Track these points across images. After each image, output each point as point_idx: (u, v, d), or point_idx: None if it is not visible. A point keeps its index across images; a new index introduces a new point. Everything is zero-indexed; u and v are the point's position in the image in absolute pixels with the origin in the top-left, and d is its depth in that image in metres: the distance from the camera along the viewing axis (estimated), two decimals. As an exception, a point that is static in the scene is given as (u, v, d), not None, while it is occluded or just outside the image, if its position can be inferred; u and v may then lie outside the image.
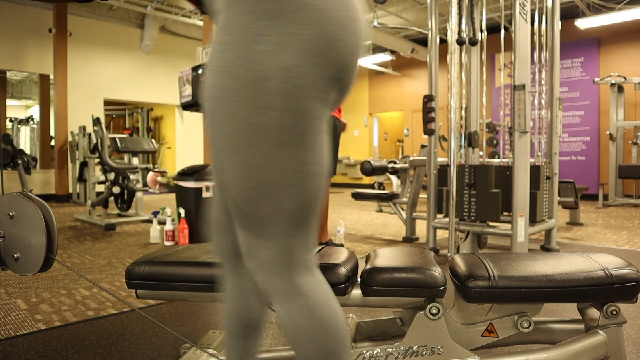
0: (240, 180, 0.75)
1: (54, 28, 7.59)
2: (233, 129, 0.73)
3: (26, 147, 10.82)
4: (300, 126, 0.73)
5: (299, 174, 0.75)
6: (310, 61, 0.71)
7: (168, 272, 1.09)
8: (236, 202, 0.78)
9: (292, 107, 0.71)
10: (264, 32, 0.70)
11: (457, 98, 3.10)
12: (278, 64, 0.70)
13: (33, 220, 1.11)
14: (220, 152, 0.76)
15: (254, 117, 0.71)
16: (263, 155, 0.73)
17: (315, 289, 0.82)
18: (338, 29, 0.73)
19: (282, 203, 0.75)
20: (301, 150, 0.74)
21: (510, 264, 1.10)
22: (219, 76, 0.73)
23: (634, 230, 4.52)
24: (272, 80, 0.70)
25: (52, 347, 1.68)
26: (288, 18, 0.70)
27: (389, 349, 1.08)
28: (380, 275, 1.05)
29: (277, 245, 0.78)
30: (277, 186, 0.74)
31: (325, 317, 0.81)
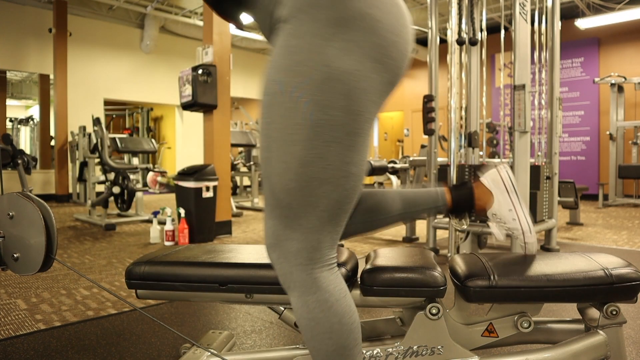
0: (285, 171, 0.78)
1: (54, 28, 7.59)
2: (290, 123, 0.77)
3: (26, 147, 10.83)
4: (352, 127, 0.78)
5: (341, 172, 0.79)
6: (370, 66, 0.78)
7: (168, 272, 1.09)
8: (275, 191, 0.81)
9: (350, 108, 0.77)
10: (331, 38, 0.76)
11: (457, 98, 3.10)
12: (343, 67, 0.76)
13: (33, 220, 1.11)
14: (271, 143, 0.79)
15: (313, 114, 0.76)
16: (313, 150, 0.77)
17: (334, 285, 0.84)
18: (393, 36, 0.80)
19: (319, 198, 0.79)
20: (348, 150, 0.78)
21: (510, 264, 1.10)
22: (284, 74, 0.77)
23: (634, 230, 4.52)
24: (337, 82, 0.75)
25: (52, 347, 1.69)
26: (351, 26, 0.76)
27: (389, 349, 1.08)
28: (380, 275, 1.05)
29: (305, 238, 0.81)
30: (319, 181, 0.78)
31: (342, 312, 0.84)
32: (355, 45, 0.77)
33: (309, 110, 0.76)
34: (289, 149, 0.78)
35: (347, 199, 0.82)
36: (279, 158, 0.79)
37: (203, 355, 1.17)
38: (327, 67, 0.75)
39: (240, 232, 4.44)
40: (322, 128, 0.76)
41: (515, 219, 1.12)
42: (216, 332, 1.30)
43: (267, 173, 0.82)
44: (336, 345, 0.83)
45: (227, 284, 1.07)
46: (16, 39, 7.63)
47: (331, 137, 0.77)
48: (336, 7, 0.76)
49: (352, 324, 0.85)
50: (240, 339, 1.74)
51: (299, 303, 0.84)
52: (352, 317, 0.85)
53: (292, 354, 1.12)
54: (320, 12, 0.76)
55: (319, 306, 0.82)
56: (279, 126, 0.78)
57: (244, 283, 1.07)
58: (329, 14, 0.76)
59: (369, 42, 0.77)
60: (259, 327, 1.88)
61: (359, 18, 0.77)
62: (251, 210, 6.43)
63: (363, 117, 0.79)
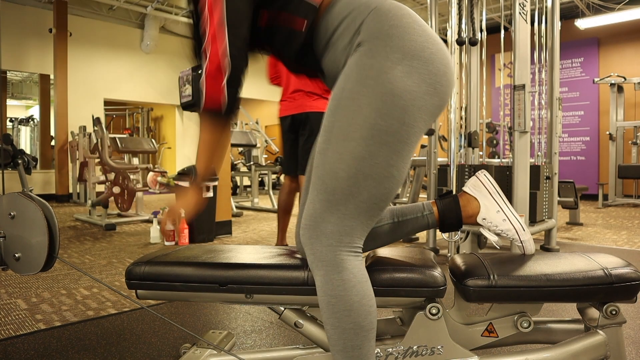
0: (338, 160, 0.92)
1: (54, 28, 7.60)
2: (352, 122, 0.92)
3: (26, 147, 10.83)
4: (403, 136, 0.92)
5: (385, 172, 0.92)
6: (425, 89, 0.93)
7: (168, 272, 1.09)
8: (324, 177, 0.93)
9: (404, 120, 0.92)
10: (398, 62, 0.92)
11: (457, 98, 3.10)
12: (404, 86, 0.92)
13: (34, 219, 1.11)
14: (332, 137, 0.93)
15: (374, 119, 0.91)
16: (366, 148, 0.91)
17: (358, 269, 0.94)
18: (443, 67, 0.96)
19: (361, 189, 0.92)
20: (395, 154, 0.92)
21: (510, 264, 1.10)
22: (354, 84, 0.93)
23: (633, 230, 4.52)
24: (398, 97, 0.91)
25: (53, 347, 1.69)
26: (414, 56, 0.93)
27: (389, 349, 1.08)
28: (380, 275, 1.05)
29: (340, 222, 0.93)
30: (364, 175, 0.91)
31: (363, 293, 0.93)
32: (416, 71, 0.93)
33: (370, 115, 0.91)
34: (346, 143, 0.91)
35: (384, 196, 0.94)
36: (336, 149, 0.92)
37: (203, 354, 1.17)
38: (391, 84, 0.91)
39: (240, 232, 4.44)
40: (378, 131, 0.91)
41: (506, 220, 1.13)
42: (216, 332, 1.31)
43: (321, 162, 0.94)
44: (354, 323, 0.92)
45: (227, 284, 1.08)
46: (16, 39, 7.64)
47: (384, 140, 0.91)
48: (405, 38, 0.94)
49: (370, 307, 0.93)
50: (240, 339, 1.75)
51: (323, 281, 0.93)
52: (371, 301, 0.94)
53: (292, 354, 1.12)
54: (392, 41, 0.93)
55: (343, 284, 0.92)
56: (341, 124, 0.93)
57: (244, 283, 1.07)
58: (399, 43, 0.93)
59: (426, 70, 0.94)
60: (259, 327, 1.88)
61: (420, 49, 0.94)
62: (251, 210, 6.43)
63: (413, 130, 0.94)
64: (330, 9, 1.01)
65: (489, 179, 1.16)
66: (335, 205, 0.92)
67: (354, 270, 0.93)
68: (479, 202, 1.15)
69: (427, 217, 1.13)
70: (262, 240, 4.03)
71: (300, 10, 1.01)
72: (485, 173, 1.17)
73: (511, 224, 1.13)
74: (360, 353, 0.93)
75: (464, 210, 1.15)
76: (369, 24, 0.95)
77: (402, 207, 1.16)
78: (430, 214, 1.13)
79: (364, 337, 0.92)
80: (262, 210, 6.34)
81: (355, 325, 0.92)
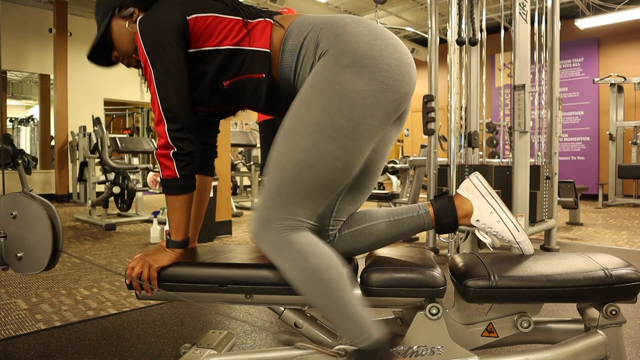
0: (285, 152, 0.99)
1: (54, 28, 7.59)
2: (301, 119, 0.99)
3: (26, 147, 10.82)
4: (350, 132, 0.97)
5: (329, 164, 0.98)
6: (377, 88, 0.97)
7: (168, 272, 1.09)
8: (272, 168, 1.01)
9: (351, 118, 0.97)
10: (347, 65, 0.97)
11: (457, 98, 3.10)
12: (353, 87, 0.96)
13: (37, 219, 1.11)
14: (283, 133, 1.01)
15: (320, 116, 0.97)
16: (311, 142, 0.97)
17: (306, 238, 1.01)
18: (395, 61, 0.99)
19: (304, 179, 0.98)
20: (340, 149, 0.97)
21: (510, 264, 1.10)
22: (308, 88, 1.00)
23: (633, 230, 4.52)
24: (345, 97, 0.96)
25: (53, 347, 1.69)
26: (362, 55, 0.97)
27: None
28: (380, 275, 1.05)
29: (284, 209, 0.99)
30: (308, 166, 0.97)
31: (318, 253, 1.00)
32: (366, 70, 0.97)
33: (317, 112, 0.97)
34: (294, 137, 0.99)
35: (329, 186, 1.00)
36: (284, 142, 1.00)
37: (203, 354, 1.17)
38: (339, 85, 0.97)
39: (240, 232, 4.45)
40: (324, 127, 0.97)
41: (500, 221, 1.12)
42: (216, 332, 1.31)
43: (272, 154, 1.01)
44: (323, 281, 0.99)
45: (227, 284, 1.08)
46: (16, 39, 7.63)
47: (329, 135, 0.97)
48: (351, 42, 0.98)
49: (330, 261, 1.00)
50: (240, 339, 1.75)
51: (282, 260, 1.00)
52: (329, 257, 1.01)
53: (292, 354, 1.12)
54: (340, 47, 0.99)
55: (298, 255, 0.99)
56: (292, 121, 1.00)
57: (244, 283, 1.07)
58: (346, 47, 0.98)
59: (377, 68, 0.97)
60: (259, 327, 1.88)
61: (368, 48, 0.98)
62: (251, 210, 6.43)
63: (362, 127, 0.98)
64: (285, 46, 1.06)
65: (481, 180, 1.16)
66: (279, 193, 0.99)
67: (303, 240, 1.00)
68: (472, 203, 1.15)
69: (423, 216, 1.13)
70: (262, 240, 4.02)
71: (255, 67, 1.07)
72: (478, 175, 1.17)
73: (505, 225, 1.12)
74: (343, 302, 1.00)
75: (459, 210, 1.14)
76: (322, 42, 1.02)
77: (399, 207, 1.17)
78: (426, 214, 1.13)
79: (338, 288, 0.99)
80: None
81: (325, 283, 0.99)
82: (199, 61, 1.09)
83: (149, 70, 1.06)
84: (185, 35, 1.06)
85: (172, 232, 1.12)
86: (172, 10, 1.06)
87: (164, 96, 1.05)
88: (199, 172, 1.31)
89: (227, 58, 1.07)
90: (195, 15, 1.06)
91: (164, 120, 1.06)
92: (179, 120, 1.06)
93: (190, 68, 1.09)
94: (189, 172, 1.09)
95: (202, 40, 1.07)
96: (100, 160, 5.06)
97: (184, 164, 1.07)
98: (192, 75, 1.10)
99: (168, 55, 1.04)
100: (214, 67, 1.07)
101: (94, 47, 1.19)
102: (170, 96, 1.06)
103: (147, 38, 1.05)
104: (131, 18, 1.15)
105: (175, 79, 1.06)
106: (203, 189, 1.33)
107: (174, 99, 1.06)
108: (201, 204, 1.34)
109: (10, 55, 7.58)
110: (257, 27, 1.07)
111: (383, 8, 7.83)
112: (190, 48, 1.08)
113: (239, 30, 1.06)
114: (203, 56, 1.08)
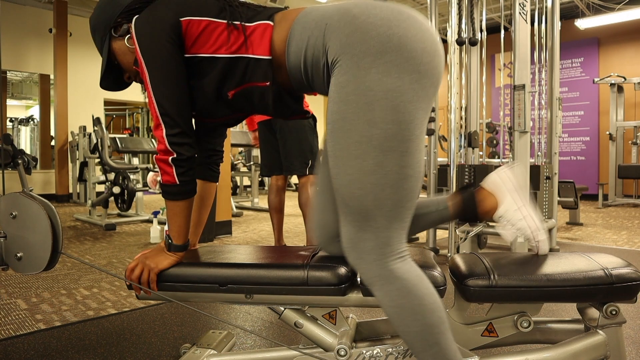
0: (350, 182, 0.92)
1: (54, 28, 7.59)
2: (350, 141, 0.91)
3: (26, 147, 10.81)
4: (404, 134, 0.90)
5: (399, 176, 0.91)
6: (409, 79, 0.90)
7: (168, 272, 1.09)
8: (345, 200, 0.94)
9: (399, 119, 0.90)
10: (370, 66, 0.89)
11: (457, 98, 3.10)
12: (385, 87, 0.89)
13: (37, 219, 1.11)
14: (338, 161, 0.94)
15: (367, 130, 0.89)
16: (372, 161, 0.90)
17: (410, 273, 0.95)
18: (420, 44, 0.91)
19: (383, 200, 0.91)
20: (403, 156, 0.91)
21: (510, 264, 1.10)
22: (340, 105, 0.92)
23: (633, 230, 4.52)
24: (383, 100, 0.89)
25: (53, 347, 1.69)
26: (383, 50, 0.89)
27: (389, 349, 1.08)
28: (380, 275, 1.05)
29: (376, 237, 0.93)
30: (381, 186, 0.91)
31: (422, 294, 0.94)
32: (392, 64, 0.89)
33: (364, 128, 0.90)
34: (352, 163, 0.91)
35: (407, 197, 0.93)
36: (345, 172, 0.92)
37: (203, 354, 1.17)
38: (371, 90, 0.89)
39: (240, 232, 4.44)
40: (377, 141, 0.89)
41: (523, 219, 1.11)
42: (216, 332, 1.31)
43: (338, 186, 0.95)
44: (422, 324, 0.93)
45: (227, 285, 1.08)
46: (16, 39, 7.63)
47: (387, 147, 0.90)
48: (366, 39, 0.90)
49: (433, 304, 0.94)
50: (240, 338, 1.75)
51: (381, 294, 0.95)
52: (432, 297, 0.95)
53: (292, 354, 1.12)
54: (356, 48, 0.91)
55: (399, 293, 0.93)
56: (341, 146, 0.92)
57: (244, 283, 1.07)
58: (362, 47, 0.90)
59: (402, 58, 0.90)
60: (259, 327, 1.88)
61: (386, 41, 0.90)
62: (251, 210, 6.43)
63: (413, 124, 0.91)
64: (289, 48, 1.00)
65: (509, 176, 1.14)
66: (365, 222, 0.93)
67: (406, 276, 0.94)
68: (498, 199, 1.13)
69: (441, 212, 1.13)
70: (262, 240, 4.03)
71: (258, 75, 1.02)
72: (508, 170, 1.15)
73: (528, 223, 1.11)
74: (439, 348, 0.94)
75: (481, 206, 1.13)
76: (330, 43, 0.94)
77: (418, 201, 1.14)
78: (445, 209, 1.13)
79: (437, 333, 0.94)
80: (262, 210, 6.34)
81: (424, 326, 0.93)
82: (196, 68, 1.05)
83: (145, 72, 1.02)
84: (179, 35, 1.02)
85: (173, 237, 1.09)
86: (166, 10, 1.03)
87: (161, 99, 1.01)
88: (202, 178, 1.28)
89: (227, 67, 1.02)
90: (188, 18, 1.02)
91: (162, 125, 1.02)
92: (177, 125, 1.02)
93: (189, 76, 1.05)
94: (189, 177, 1.06)
95: (198, 46, 1.03)
96: (100, 160, 5.06)
97: (183, 169, 1.04)
98: (192, 85, 1.06)
99: (163, 55, 1.00)
100: (214, 76, 1.03)
101: (104, 75, 1.15)
102: (167, 99, 1.01)
103: (141, 38, 1.02)
104: (129, 34, 1.10)
105: (171, 80, 1.02)
106: (206, 195, 1.30)
107: (171, 102, 1.02)
108: (204, 210, 1.30)
109: (10, 55, 7.58)
110: (255, 32, 1.01)
111: (383, 8, 7.81)
112: (185, 53, 1.04)
113: (236, 37, 1.01)
114: (200, 63, 1.04)
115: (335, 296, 1.05)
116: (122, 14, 1.10)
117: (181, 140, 1.03)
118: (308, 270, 1.05)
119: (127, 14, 1.09)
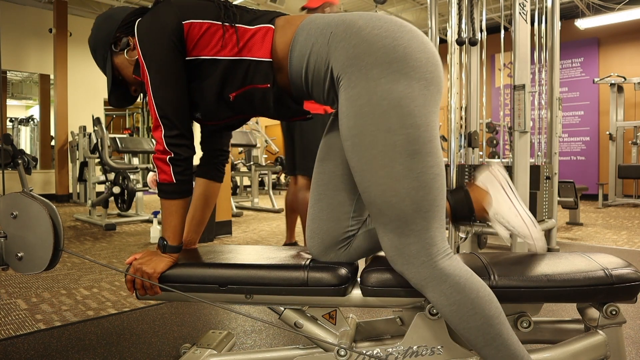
0: (384, 191, 0.93)
1: (54, 28, 7.59)
2: (375, 152, 0.92)
3: (26, 147, 10.81)
4: (425, 136, 0.93)
5: (429, 176, 0.93)
6: (418, 85, 0.93)
7: (168, 273, 1.09)
8: (382, 211, 0.95)
9: (417, 123, 0.92)
10: (378, 76, 0.92)
11: (457, 98, 3.10)
12: (398, 94, 0.91)
13: (38, 218, 1.11)
14: (366, 174, 0.95)
15: (389, 138, 0.91)
16: (402, 166, 0.92)
17: (459, 269, 0.96)
18: (423, 54, 0.94)
19: (420, 202, 0.93)
20: (428, 156, 0.93)
21: (510, 264, 1.10)
22: (356, 120, 0.93)
23: (633, 230, 4.52)
24: (398, 108, 0.91)
25: (53, 347, 1.69)
26: (390, 60, 0.92)
27: (389, 349, 1.08)
28: (379, 275, 1.05)
29: (419, 239, 0.94)
30: (415, 189, 0.92)
31: (476, 287, 0.95)
32: (400, 73, 0.92)
33: (385, 137, 0.91)
34: (381, 173, 0.93)
35: (440, 195, 0.95)
36: (376, 182, 0.93)
37: (203, 354, 1.17)
38: (385, 100, 0.91)
39: (240, 232, 4.44)
40: (401, 146, 0.91)
41: (517, 216, 1.12)
42: (216, 332, 1.30)
43: (371, 199, 0.95)
44: (483, 317, 0.93)
45: (227, 285, 1.08)
46: (16, 39, 7.63)
47: (412, 150, 0.92)
48: (372, 50, 0.93)
49: (489, 295, 0.95)
50: (240, 338, 1.75)
51: (436, 296, 0.95)
52: (485, 289, 0.96)
53: (292, 354, 1.12)
54: (363, 60, 0.93)
55: (454, 289, 0.94)
56: (367, 159, 0.93)
57: (244, 283, 1.07)
58: (369, 59, 0.92)
59: (409, 66, 0.92)
60: (259, 327, 1.88)
61: (392, 51, 0.92)
62: (251, 210, 6.43)
63: (430, 126, 0.94)
64: (293, 52, 1.01)
65: (502, 173, 1.14)
66: (406, 227, 0.94)
67: (456, 272, 0.95)
68: (492, 196, 1.13)
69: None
70: (262, 240, 4.03)
71: (260, 77, 1.03)
72: (500, 167, 1.15)
73: (523, 220, 1.12)
74: (503, 340, 0.94)
75: (476, 203, 1.13)
76: (335, 53, 0.96)
77: None
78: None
79: (498, 324, 0.94)
80: (262, 210, 6.34)
81: (485, 319, 0.94)
82: (198, 71, 1.05)
83: (146, 74, 1.03)
84: (181, 39, 1.03)
85: (168, 238, 1.08)
86: (168, 13, 1.03)
87: (160, 102, 1.03)
88: (207, 177, 1.29)
89: (229, 69, 1.03)
90: (190, 21, 1.03)
91: (160, 126, 1.03)
92: (176, 127, 1.03)
93: (190, 78, 1.06)
94: (186, 177, 1.06)
95: (199, 49, 1.04)
96: (100, 160, 5.05)
97: (180, 169, 1.05)
98: (194, 87, 1.06)
99: (164, 59, 1.02)
100: (216, 78, 1.04)
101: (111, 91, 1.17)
102: (166, 102, 1.03)
103: (143, 41, 1.03)
104: (129, 47, 1.13)
105: (171, 84, 1.03)
106: (209, 195, 1.30)
107: (170, 104, 1.03)
108: (207, 209, 1.31)
109: (10, 55, 7.58)
110: (256, 35, 1.02)
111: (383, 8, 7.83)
112: (187, 55, 1.05)
113: (237, 40, 1.02)
114: (201, 65, 1.04)
115: (336, 296, 1.05)
116: (120, 28, 1.13)
117: (179, 141, 1.04)
118: (308, 271, 1.05)
119: (125, 28, 1.12)
